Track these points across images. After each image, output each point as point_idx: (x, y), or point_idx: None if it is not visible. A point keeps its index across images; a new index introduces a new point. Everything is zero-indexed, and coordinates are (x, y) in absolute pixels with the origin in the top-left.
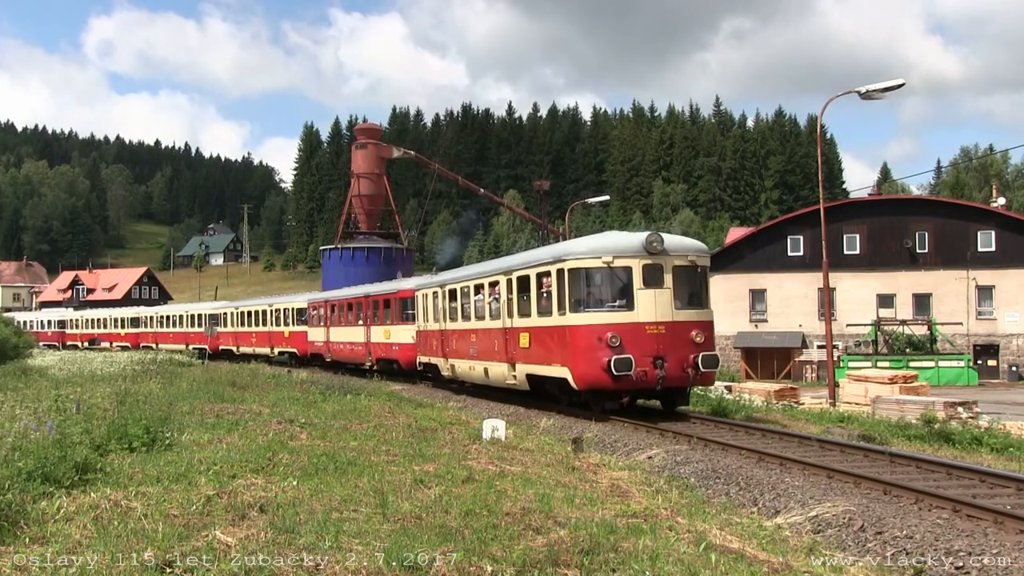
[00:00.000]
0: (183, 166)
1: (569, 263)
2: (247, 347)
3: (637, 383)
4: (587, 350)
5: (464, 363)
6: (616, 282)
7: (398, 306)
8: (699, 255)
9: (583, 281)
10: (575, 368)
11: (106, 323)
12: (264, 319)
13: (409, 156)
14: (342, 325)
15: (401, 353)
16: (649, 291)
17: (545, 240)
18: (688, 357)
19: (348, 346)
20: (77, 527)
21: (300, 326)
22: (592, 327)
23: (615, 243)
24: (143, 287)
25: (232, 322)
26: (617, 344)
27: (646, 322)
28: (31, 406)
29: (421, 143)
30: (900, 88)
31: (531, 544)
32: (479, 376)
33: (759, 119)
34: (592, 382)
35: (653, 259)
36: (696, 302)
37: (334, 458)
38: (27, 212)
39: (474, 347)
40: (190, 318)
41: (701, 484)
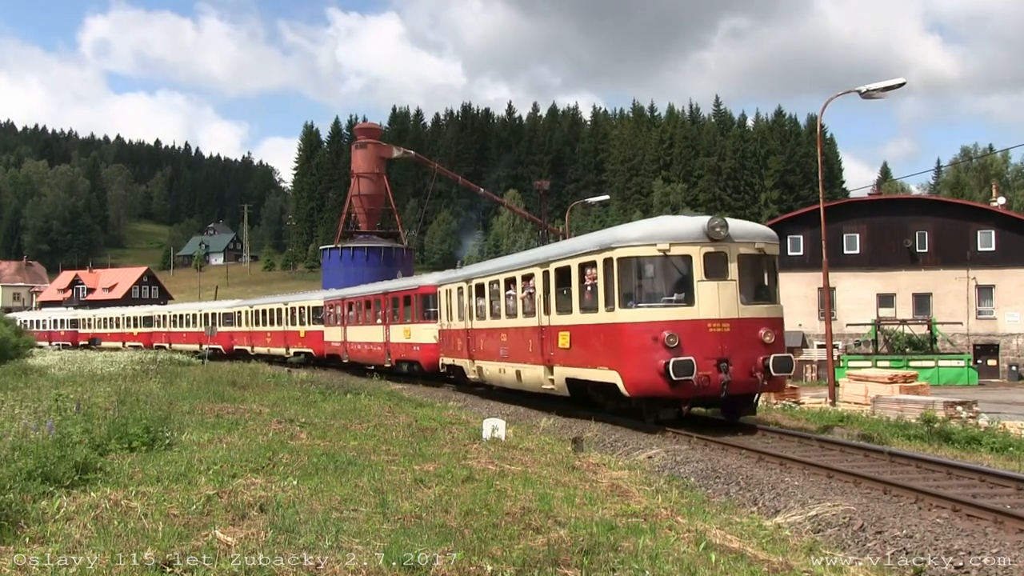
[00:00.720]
0: (183, 166)
1: (618, 251)
2: (262, 347)
3: (699, 389)
4: (640, 351)
5: (493, 365)
6: (673, 273)
7: (419, 303)
8: (767, 242)
9: (635, 272)
10: (626, 372)
11: (118, 322)
12: (279, 318)
13: (409, 156)
14: (360, 324)
15: (422, 354)
16: (711, 283)
17: (545, 240)
18: (756, 359)
19: (366, 346)
20: (77, 527)
21: (316, 325)
22: (646, 325)
23: (672, 228)
24: (143, 287)
25: (246, 321)
26: (675, 344)
27: (708, 319)
28: (31, 406)
29: (421, 143)
30: (900, 88)
31: (531, 544)
32: (510, 380)
33: (759, 119)
34: (646, 388)
35: (716, 246)
36: (764, 296)
37: (334, 458)
38: (27, 212)
39: (505, 348)
40: (204, 317)
41: (701, 484)
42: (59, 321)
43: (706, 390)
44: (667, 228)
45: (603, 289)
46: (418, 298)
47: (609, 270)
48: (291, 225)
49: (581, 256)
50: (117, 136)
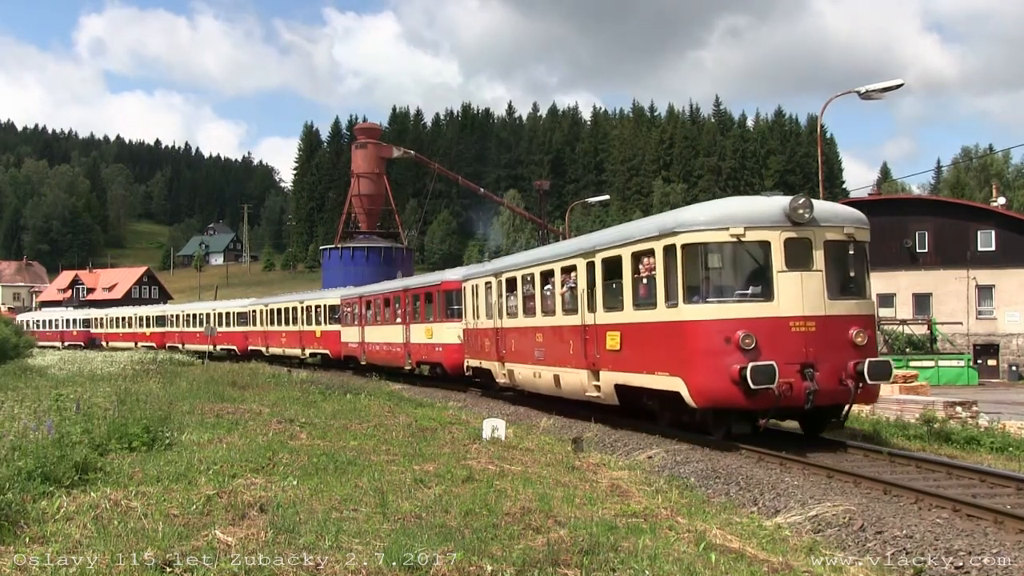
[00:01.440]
0: (183, 166)
1: (683, 237)
2: (276, 348)
3: (780, 400)
4: (710, 355)
5: (526, 368)
6: (748, 262)
7: (442, 300)
8: (858, 226)
9: (703, 261)
10: (692, 379)
11: (130, 322)
12: (295, 317)
13: (409, 156)
14: (378, 323)
15: (445, 355)
16: (794, 274)
17: (545, 240)
18: (847, 364)
19: (384, 347)
20: (77, 527)
21: (333, 325)
22: (717, 323)
23: (747, 209)
24: (143, 287)
25: (261, 320)
26: (752, 346)
27: (790, 316)
28: (31, 406)
29: (421, 143)
30: (899, 88)
31: (531, 544)
32: (547, 385)
33: (759, 119)
34: (717, 398)
35: (799, 231)
36: (855, 289)
37: (334, 458)
38: (27, 212)
39: (540, 349)
40: (217, 316)
41: (701, 484)
42: (71, 321)
43: (788, 400)
44: (742, 209)
45: (663, 282)
46: (441, 295)
47: (671, 259)
48: (291, 225)
49: (635, 244)
50: (117, 136)
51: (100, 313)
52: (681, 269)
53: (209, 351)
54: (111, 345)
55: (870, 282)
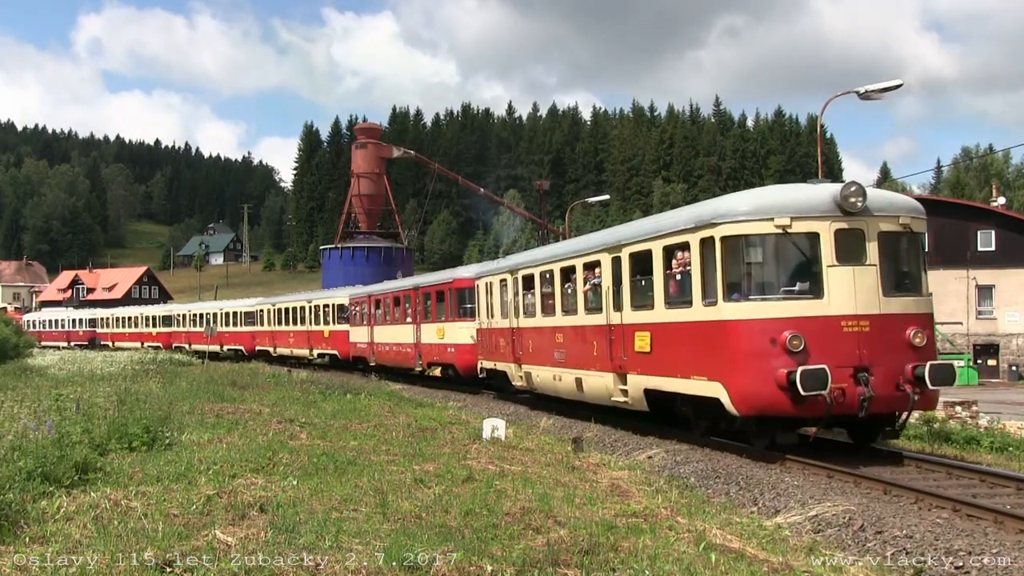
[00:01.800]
0: (183, 166)
1: (723, 229)
2: (284, 348)
3: (832, 407)
4: (754, 357)
5: (545, 371)
6: (795, 256)
7: (454, 299)
8: (914, 215)
9: (745, 255)
10: (734, 384)
11: (136, 322)
12: (303, 317)
13: (409, 156)
14: (388, 323)
15: (458, 356)
16: (845, 269)
17: (545, 240)
18: (905, 367)
19: (394, 348)
20: (77, 527)
21: (342, 324)
22: (762, 323)
23: (794, 198)
24: (143, 287)
25: (269, 320)
26: (800, 348)
27: (842, 315)
28: (31, 406)
29: (421, 143)
30: (898, 88)
31: (531, 544)
32: (567, 389)
33: (759, 119)
34: (761, 405)
35: (851, 221)
36: (911, 285)
37: (334, 458)
38: (27, 212)
39: (561, 350)
40: (224, 316)
41: (701, 484)
42: (77, 321)
43: (841, 408)
44: (787, 198)
45: (700, 278)
46: (453, 293)
47: (709, 253)
48: (291, 225)
49: (667, 237)
50: (117, 136)
51: (106, 313)
52: (720, 264)
53: (216, 351)
54: (117, 345)
55: (926, 277)
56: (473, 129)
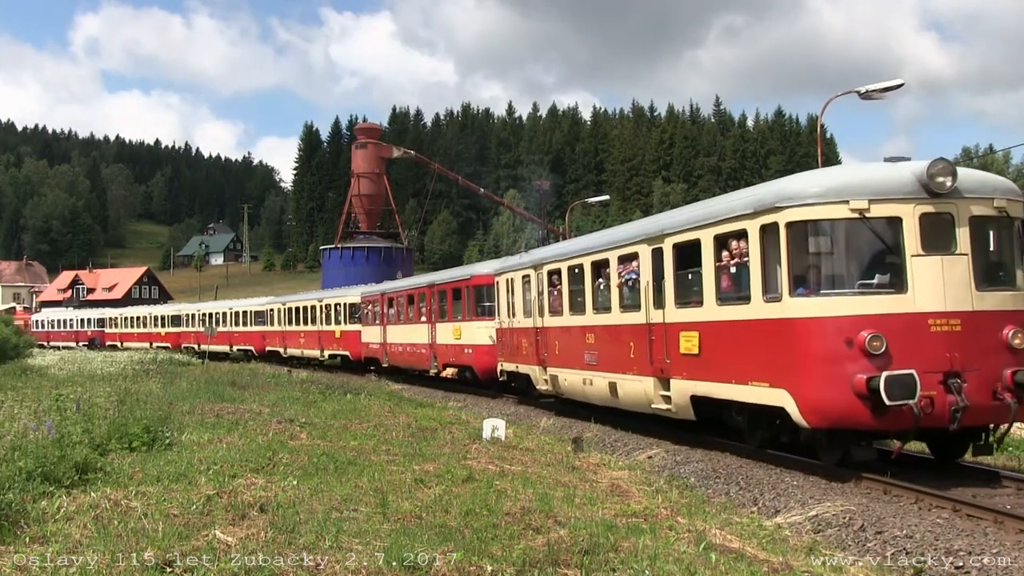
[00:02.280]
0: (183, 166)
1: (788, 214)
2: (295, 348)
3: (921, 418)
4: (826, 361)
5: (574, 375)
6: (874, 244)
7: (471, 297)
8: (1010, 198)
9: (815, 243)
10: (803, 390)
11: (145, 322)
12: (313, 316)
13: (409, 156)
14: (401, 323)
15: (476, 358)
16: (932, 259)
17: (545, 240)
18: (1003, 373)
19: (408, 348)
20: (77, 527)
21: (353, 324)
22: (835, 321)
23: (871, 178)
24: (143, 287)
25: (279, 320)
26: (881, 351)
27: (929, 312)
28: (31, 406)
29: (421, 143)
30: (899, 88)
31: (531, 544)
32: (599, 394)
33: (759, 119)
34: (836, 416)
35: (938, 204)
36: (1007, 278)
37: (334, 458)
38: (27, 212)
39: (592, 352)
40: (234, 316)
41: (701, 484)
42: (85, 321)
43: (929, 420)
44: (865, 178)
45: (760, 270)
46: (470, 291)
47: (771, 241)
48: (291, 225)
49: (720, 224)
50: (117, 136)
51: (114, 313)
52: (785, 253)
53: (225, 352)
54: (125, 346)
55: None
56: (473, 129)
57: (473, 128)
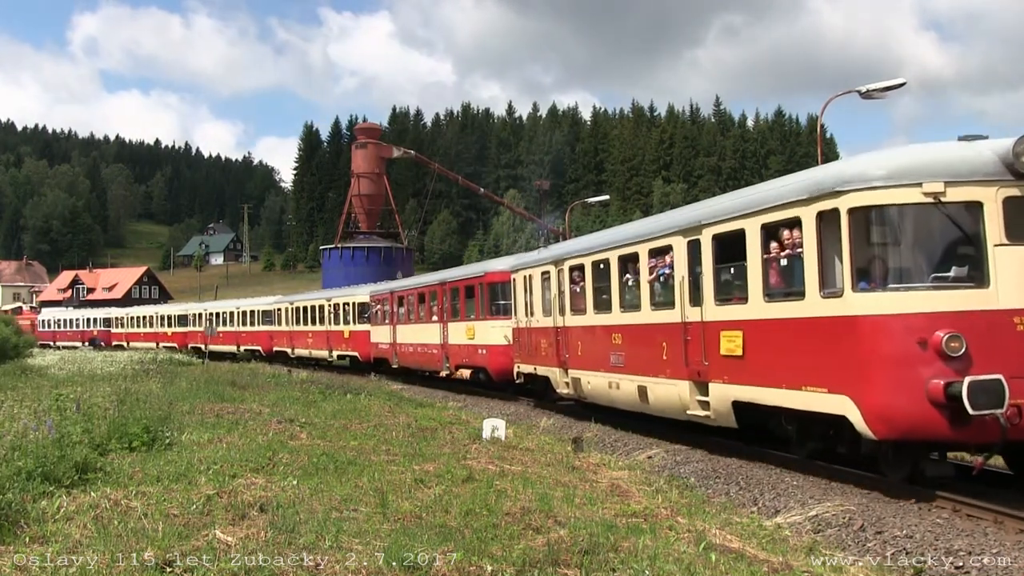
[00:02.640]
0: (183, 166)
1: (851, 198)
2: (302, 349)
3: (1008, 430)
4: (896, 363)
5: (599, 377)
6: (950, 231)
7: (485, 295)
8: None
9: (878, 231)
10: (868, 397)
11: (151, 321)
12: (321, 316)
13: (409, 156)
14: (411, 322)
15: (490, 359)
16: (1018, 249)
17: (547, 241)
18: None
19: (419, 349)
20: (77, 527)
21: (362, 324)
22: (906, 320)
23: (947, 158)
24: (143, 287)
25: (286, 320)
26: (960, 353)
27: (1015, 309)
28: (31, 406)
29: (421, 143)
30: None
31: (531, 544)
32: (627, 399)
33: (759, 119)
34: (908, 426)
35: None
36: None
37: (334, 458)
38: (27, 212)
39: (619, 353)
40: (241, 315)
41: (701, 484)
42: (92, 320)
43: (1017, 432)
44: (939, 158)
45: (817, 262)
46: (484, 288)
47: (831, 230)
48: (291, 225)
49: (769, 212)
50: (117, 136)
51: (120, 312)
52: (847, 243)
53: (233, 352)
54: (131, 345)
55: None
56: (473, 129)
57: (473, 128)
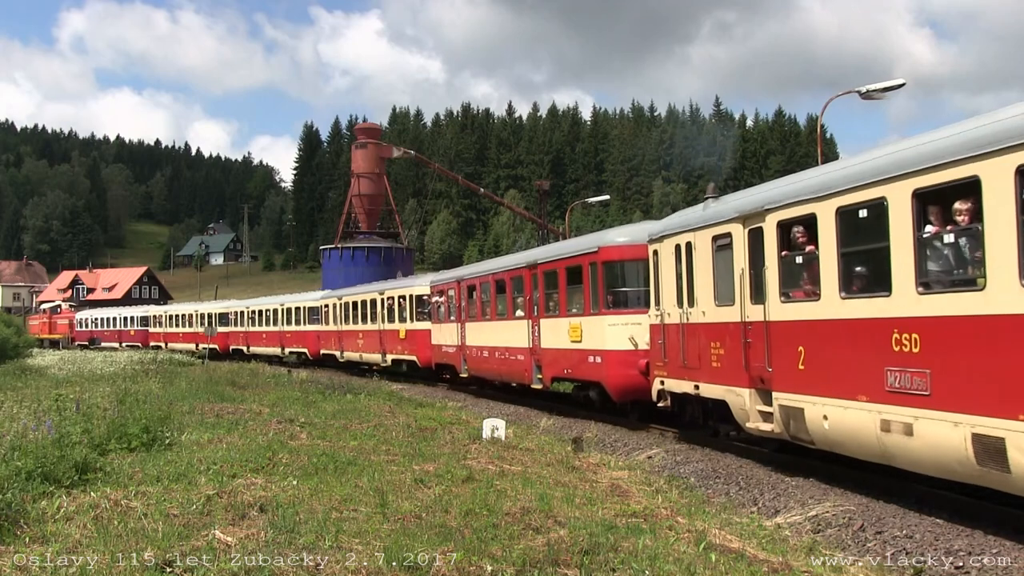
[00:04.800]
0: (183, 166)
1: None
2: (352, 352)
3: None
4: None
5: (855, 411)
6: None
7: (600, 279)
8: None
9: None
10: None
11: (190, 320)
12: (373, 313)
13: (409, 156)
14: (485, 318)
15: (608, 369)
16: None
17: (545, 240)
18: None
19: (497, 354)
20: (77, 527)
21: (421, 322)
22: None
23: None
24: (143, 287)
25: (335, 317)
26: None
27: None
28: (31, 406)
29: (421, 143)
30: (900, 87)
31: (531, 544)
32: (935, 456)
33: (759, 119)
34: None
35: None
36: None
37: (334, 458)
38: (27, 212)
39: (911, 370)
40: (285, 313)
41: (701, 484)
42: (129, 319)
43: None
44: None
45: None
46: (599, 269)
47: None
48: (291, 225)
49: None
50: (117, 136)
51: (158, 310)
52: None
53: (278, 356)
54: (169, 347)
55: None
56: (473, 129)
57: (473, 128)
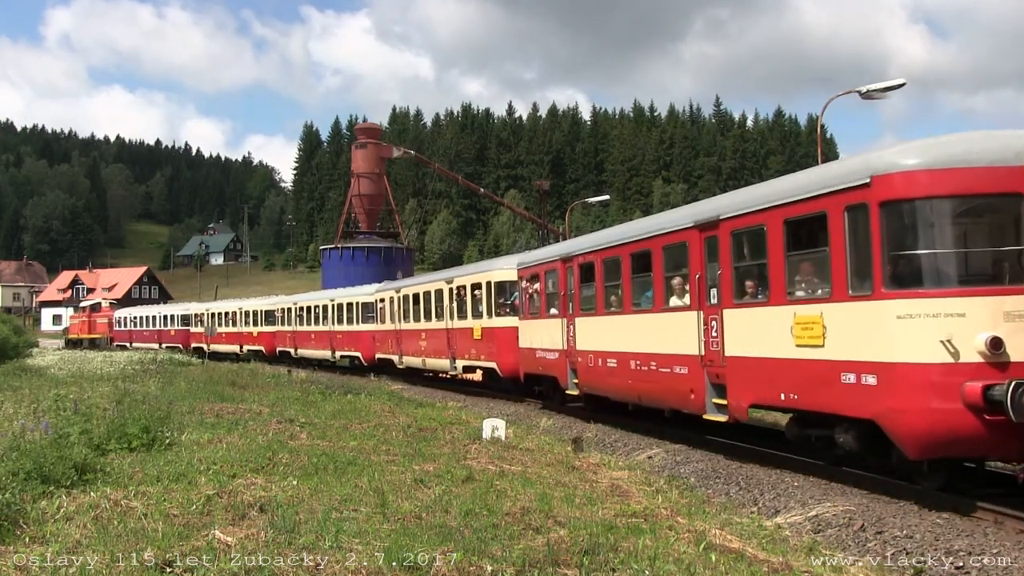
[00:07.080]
0: (183, 166)
1: None
2: (413, 356)
3: None
4: None
5: None
6: None
7: (878, 233)
8: None
9: None
10: None
11: (235, 318)
12: (439, 308)
13: (409, 156)
14: (602, 312)
15: (896, 400)
16: None
17: (545, 240)
18: None
19: (634, 364)
20: (77, 527)
21: (504, 318)
22: None
23: None
24: (143, 287)
25: (392, 316)
26: None
27: None
28: (30, 406)
29: (421, 143)
30: (900, 87)
31: (531, 544)
32: None
33: (759, 119)
34: None
35: None
36: None
37: (334, 458)
38: (27, 212)
39: None
40: (336, 309)
41: (701, 484)
42: (167, 318)
43: None
44: None
45: None
46: (871, 217)
47: None
48: (291, 225)
49: None
50: (117, 136)
51: (200, 308)
52: None
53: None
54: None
55: None
56: (473, 129)
57: (473, 128)
